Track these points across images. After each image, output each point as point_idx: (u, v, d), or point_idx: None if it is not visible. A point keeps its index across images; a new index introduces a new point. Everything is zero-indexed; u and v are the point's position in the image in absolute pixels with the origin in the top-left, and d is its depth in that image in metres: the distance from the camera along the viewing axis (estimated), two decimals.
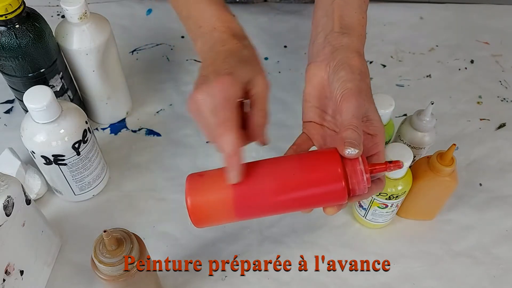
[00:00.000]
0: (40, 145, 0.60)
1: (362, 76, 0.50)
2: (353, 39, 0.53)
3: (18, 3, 0.59)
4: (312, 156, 0.48)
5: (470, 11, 0.93)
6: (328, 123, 0.54)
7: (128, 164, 0.74)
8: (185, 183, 0.48)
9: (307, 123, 0.55)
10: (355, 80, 0.49)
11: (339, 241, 0.67)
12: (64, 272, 0.64)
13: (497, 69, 0.86)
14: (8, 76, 0.65)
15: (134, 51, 0.88)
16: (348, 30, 0.54)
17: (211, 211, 0.48)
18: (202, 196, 0.48)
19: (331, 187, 0.46)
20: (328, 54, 0.53)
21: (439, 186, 0.62)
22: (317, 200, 0.47)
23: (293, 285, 0.64)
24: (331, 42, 0.53)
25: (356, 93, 0.48)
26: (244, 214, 0.48)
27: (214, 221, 0.50)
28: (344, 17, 0.55)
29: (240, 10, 0.93)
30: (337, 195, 0.46)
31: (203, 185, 0.48)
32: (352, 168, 0.46)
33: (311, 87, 0.54)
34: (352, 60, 0.51)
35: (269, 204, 0.47)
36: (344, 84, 0.49)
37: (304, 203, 0.48)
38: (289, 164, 0.48)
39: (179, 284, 0.64)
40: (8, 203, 0.52)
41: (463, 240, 0.68)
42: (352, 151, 0.45)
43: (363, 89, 0.49)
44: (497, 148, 0.76)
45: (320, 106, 0.54)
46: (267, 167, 0.48)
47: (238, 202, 0.47)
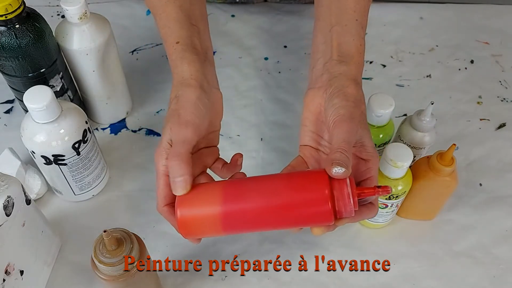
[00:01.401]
0: (40, 145, 0.60)
1: (356, 104, 0.52)
2: (351, 67, 0.55)
3: (18, 3, 0.59)
4: (301, 176, 0.49)
5: (470, 11, 0.93)
6: (324, 148, 0.55)
7: (128, 164, 0.74)
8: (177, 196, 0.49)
9: (303, 146, 0.56)
10: (348, 107, 0.51)
11: (339, 241, 0.67)
12: (64, 272, 0.64)
13: (497, 69, 0.86)
14: (8, 76, 0.65)
15: (134, 51, 0.88)
16: (346, 58, 0.55)
17: (199, 225, 0.49)
18: (191, 210, 0.49)
19: (317, 208, 0.47)
20: (325, 81, 0.54)
21: (439, 186, 0.62)
22: (303, 220, 0.48)
23: (293, 285, 0.64)
24: (329, 69, 0.55)
25: (348, 119, 0.50)
26: (231, 230, 0.49)
27: (202, 234, 0.51)
28: (342, 45, 0.56)
29: (240, 10, 0.93)
30: (323, 217, 0.47)
31: (193, 199, 0.49)
32: (340, 191, 0.46)
33: (309, 112, 0.56)
34: (347, 88, 0.53)
35: (256, 221, 0.48)
36: (337, 110, 0.51)
37: (290, 222, 0.49)
38: (278, 182, 0.49)
39: (179, 284, 0.64)
40: (8, 203, 0.52)
41: (463, 240, 0.68)
42: (339, 170, 0.46)
43: (356, 115, 0.51)
44: (497, 148, 0.76)
45: (317, 131, 0.56)
46: (256, 184, 0.49)
47: (225, 218, 0.48)
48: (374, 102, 0.61)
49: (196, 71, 0.54)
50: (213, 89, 0.55)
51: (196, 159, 0.55)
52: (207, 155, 0.56)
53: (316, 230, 0.49)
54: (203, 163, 0.56)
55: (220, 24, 0.91)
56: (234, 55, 0.87)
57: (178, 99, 0.52)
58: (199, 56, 0.55)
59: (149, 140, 0.77)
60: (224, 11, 0.92)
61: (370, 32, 0.90)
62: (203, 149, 0.56)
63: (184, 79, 0.53)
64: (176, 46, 0.56)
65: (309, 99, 0.55)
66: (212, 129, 0.56)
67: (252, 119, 0.79)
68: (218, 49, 0.88)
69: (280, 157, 0.75)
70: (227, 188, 0.49)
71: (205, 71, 0.55)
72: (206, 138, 0.56)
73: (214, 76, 0.57)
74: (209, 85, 0.55)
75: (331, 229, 0.49)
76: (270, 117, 0.79)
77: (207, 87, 0.54)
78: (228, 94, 0.81)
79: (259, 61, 0.86)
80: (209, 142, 0.57)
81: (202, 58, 0.56)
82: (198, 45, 0.56)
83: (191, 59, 0.55)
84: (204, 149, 0.56)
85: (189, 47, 0.55)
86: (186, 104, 0.52)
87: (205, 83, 0.54)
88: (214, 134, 0.57)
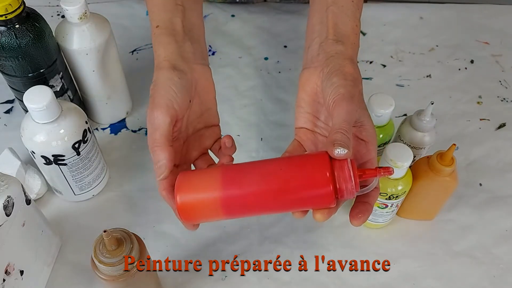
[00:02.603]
0: (40, 145, 0.60)
1: (354, 83, 0.51)
2: (347, 47, 0.54)
3: (18, 3, 0.59)
4: (302, 158, 0.48)
5: (470, 11, 0.93)
6: (320, 129, 0.55)
7: (128, 164, 0.74)
8: (176, 180, 0.49)
9: (299, 129, 0.55)
10: (347, 86, 0.50)
11: (339, 241, 0.67)
12: (64, 272, 0.64)
13: (497, 69, 0.86)
14: (8, 76, 0.65)
15: (134, 51, 0.88)
16: (342, 38, 0.55)
17: (199, 210, 0.49)
18: (191, 194, 0.49)
19: (319, 189, 0.46)
20: (322, 60, 0.53)
21: (439, 186, 0.62)
22: (305, 202, 0.47)
23: (293, 285, 0.64)
24: (325, 49, 0.54)
25: (348, 98, 0.49)
26: (233, 213, 0.49)
27: (202, 218, 0.50)
28: (339, 25, 0.56)
29: (240, 10, 0.93)
30: (324, 198, 0.46)
31: (192, 183, 0.49)
32: (341, 171, 0.45)
33: (304, 93, 0.55)
34: (345, 67, 0.52)
35: (257, 204, 0.48)
36: (337, 89, 0.50)
37: (292, 204, 0.48)
38: (278, 165, 0.48)
39: (179, 284, 0.64)
40: (8, 203, 0.52)
41: (463, 240, 0.68)
42: (342, 151, 0.45)
43: (355, 95, 0.50)
44: (497, 148, 0.76)
45: (313, 112, 0.55)
46: (257, 167, 0.49)
47: (226, 202, 0.48)
48: (374, 102, 0.61)
49: (170, 53, 0.53)
50: (194, 65, 0.54)
51: (194, 141, 0.55)
52: (206, 136, 0.55)
53: (318, 216, 0.48)
54: (202, 145, 0.55)
55: (220, 24, 0.91)
56: (234, 55, 0.87)
57: (153, 84, 0.52)
58: (176, 37, 0.55)
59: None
60: (224, 11, 0.92)
61: (370, 32, 0.90)
62: (203, 129, 0.55)
63: (158, 63, 0.53)
64: (155, 31, 0.56)
65: (305, 79, 0.54)
66: (205, 107, 0.55)
67: (252, 119, 0.79)
68: (218, 49, 0.88)
69: None
70: (226, 171, 0.49)
71: (181, 50, 0.54)
72: (201, 118, 0.55)
73: (198, 53, 0.56)
74: (187, 63, 0.54)
75: (333, 212, 0.48)
76: (270, 117, 0.79)
77: (183, 66, 0.53)
78: (228, 94, 0.81)
79: (259, 61, 0.87)
80: (206, 121, 0.56)
81: (180, 38, 0.55)
82: (178, 25, 0.55)
83: (166, 41, 0.54)
84: (203, 130, 0.55)
85: (167, 30, 0.55)
86: (157, 88, 0.51)
87: (180, 62, 0.53)
88: (209, 113, 0.56)
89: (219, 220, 0.50)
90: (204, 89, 0.55)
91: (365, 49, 0.88)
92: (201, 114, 0.56)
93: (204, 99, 0.55)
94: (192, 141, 0.55)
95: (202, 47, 0.58)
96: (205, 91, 0.55)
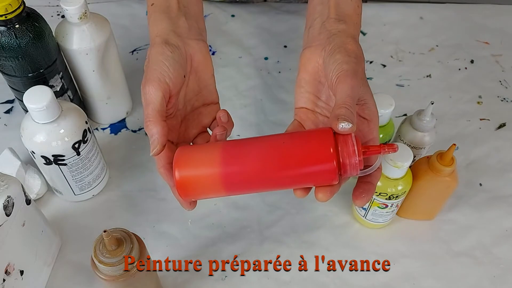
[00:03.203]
0: (40, 145, 0.60)
1: (358, 59, 0.50)
2: (349, 26, 0.54)
3: (18, 3, 0.59)
4: (305, 134, 0.48)
5: (470, 11, 0.93)
6: (321, 109, 0.54)
7: (128, 164, 0.74)
8: (174, 155, 0.48)
9: (299, 109, 0.54)
10: (351, 63, 0.49)
11: (339, 241, 0.67)
12: (64, 272, 0.64)
13: (497, 69, 0.86)
14: (8, 76, 0.65)
15: (134, 51, 0.88)
16: (345, 18, 0.54)
17: (199, 186, 0.48)
18: (190, 169, 0.47)
19: (322, 164, 0.45)
20: (324, 39, 0.53)
21: (439, 186, 0.62)
22: (307, 178, 0.46)
23: (293, 285, 0.64)
24: (327, 27, 0.54)
25: (352, 74, 0.48)
26: (233, 189, 0.48)
27: (202, 194, 0.49)
28: (340, 5, 0.55)
29: (240, 10, 0.93)
30: (327, 173, 0.45)
31: (192, 158, 0.48)
32: (345, 146, 0.44)
33: (305, 73, 0.54)
34: (348, 45, 0.51)
35: (258, 179, 0.47)
36: (340, 65, 0.49)
37: (294, 180, 0.47)
38: (281, 140, 0.47)
39: (179, 284, 0.64)
40: (8, 203, 0.52)
41: (463, 240, 0.68)
42: (346, 125, 0.44)
43: (358, 71, 0.49)
44: (497, 148, 0.76)
45: (313, 91, 0.54)
46: (258, 142, 0.48)
47: (227, 177, 0.46)
48: None
49: (162, 29, 0.53)
50: (188, 40, 0.53)
51: (192, 119, 0.54)
52: (204, 114, 0.54)
53: (320, 195, 0.46)
54: (201, 123, 0.54)
55: (220, 23, 0.91)
56: (234, 55, 0.87)
57: (146, 60, 0.52)
58: (169, 13, 0.54)
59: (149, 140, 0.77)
60: (224, 11, 0.92)
61: (370, 32, 0.90)
62: (201, 107, 0.55)
63: (151, 39, 0.53)
64: (150, 9, 0.55)
65: (306, 58, 0.54)
66: (203, 84, 0.55)
67: (252, 119, 0.79)
68: (218, 49, 0.88)
69: None
70: (227, 146, 0.48)
71: (175, 26, 0.53)
72: (200, 95, 0.54)
73: (194, 29, 0.55)
74: (180, 38, 0.53)
75: (336, 190, 0.47)
76: (270, 117, 0.79)
77: (175, 40, 0.52)
78: (228, 94, 0.81)
79: (259, 61, 0.86)
80: (205, 99, 0.55)
81: (174, 15, 0.54)
82: (173, 1, 0.55)
83: (159, 18, 0.54)
84: (202, 108, 0.55)
85: (161, 7, 0.55)
86: (149, 64, 0.51)
87: (172, 37, 0.52)
88: (207, 90, 0.55)
89: (218, 196, 0.49)
90: (201, 65, 0.54)
91: (365, 49, 0.87)
92: (199, 91, 0.54)
93: (201, 75, 0.54)
94: (190, 119, 0.54)
95: (199, 24, 0.57)
96: (202, 67, 0.54)
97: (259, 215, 0.69)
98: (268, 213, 0.69)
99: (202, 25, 0.58)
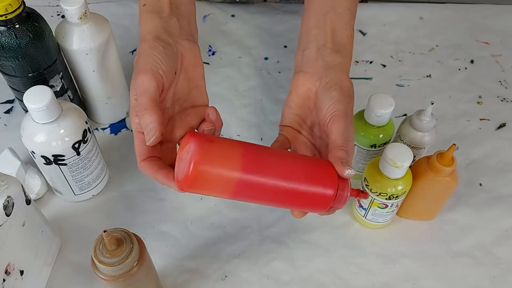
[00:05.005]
0: (40, 145, 0.60)
1: (350, 99, 0.54)
2: (345, 59, 0.56)
3: (18, 3, 0.59)
4: (316, 165, 0.51)
5: (470, 11, 0.93)
6: (305, 132, 0.56)
7: (128, 164, 0.74)
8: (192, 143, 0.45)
9: (285, 126, 0.57)
10: (344, 102, 0.53)
11: (339, 241, 0.67)
12: (64, 272, 0.64)
13: (497, 69, 0.86)
14: (8, 76, 0.65)
15: (134, 51, 0.88)
16: (341, 48, 0.56)
17: (210, 183, 0.46)
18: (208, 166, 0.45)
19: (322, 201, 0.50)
20: (320, 69, 0.55)
21: (439, 186, 0.62)
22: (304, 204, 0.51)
23: (293, 285, 0.64)
24: (325, 57, 0.56)
25: (344, 114, 0.52)
26: (240, 196, 0.48)
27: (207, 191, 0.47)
28: (337, 33, 0.57)
29: (240, 10, 0.93)
30: (321, 207, 0.51)
31: (212, 155, 0.45)
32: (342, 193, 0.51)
33: (296, 96, 0.56)
34: (344, 82, 0.54)
35: (266, 195, 0.49)
36: (335, 105, 0.52)
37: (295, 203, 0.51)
38: (295, 163, 0.50)
39: (179, 284, 0.64)
40: (8, 203, 0.52)
41: (463, 240, 0.68)
42: (352, 172, 0.49)
43: (349, 111, 0.53)
44: (497, 148, 0.76)
45: (301, 115, 0.56)
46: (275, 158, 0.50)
47: (240, 185, 0.46)
48: (374, 102, 0.61)
49: (153, 27, 0.53)
50: (179, 40, 0.54)
51: (179, 119, 0.53)
52: (192, 116, 0.54)
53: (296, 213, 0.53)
54: (188, 124, 0.53)
55: (220, 24, 0.91)
56: (234, 55, 0.87)
57: (136, 56, 0.52)
58: (161, 13, 0.54)
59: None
60: (224, 11, 0.92)
61: (370, 32, 0.90)
62: (189, 109, 0.54)
63: (141, 37, 0.53)
64: (141, 9, 0.56)
65: (300, 83, 0.56)
66: (193, 84, 0.54)
67: (252, 119, 0.79)
68: (218, 49, 0.88)
69: None
70: (248, 151, 0.47)
71: (166, 25, 0.53)
72: (189, 96, 0.54)
73: (185, 30, 0.55)
74: (171, 36, 0.53)
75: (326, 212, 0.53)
76: (270, 117, 0.79)
77: (166, 38, 0.52)
78: (228, 94, 0.81)
79: (259, 61, 0.87)
80: (194, 100, 0.54)
81: (165, 15, 0.54)
82: (165, 2, 0.55)
83: (149, 18, 0.54)
84: (190, 109, 0.54)
85: (153, 7, 0.55)
86: (141, 56, 0.51)
87: (164, 35, 0.52)
88: (197, 90, 0.55)
89: (219, 197, 0.48)
90: (191, 65, 0.54)
91: (365, 49, 0.88)
92: (189, 92, 0.54)
93: (191, 75, 0.54)
94: (177, 119, 0.53)
95: (191, 26, 0.57)
96: (192, 67, 0.54)
97: (259, 215, 0.69)
98: (268, 213, 0.69)
99: (194, 27, 0.58)
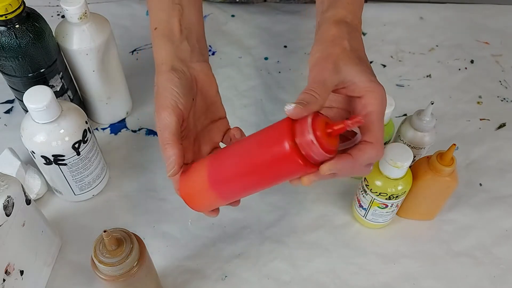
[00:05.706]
0: (40, 145, 0.60)
1: (334, 42, 0.49)
2: (338, 10, 0.53)
3: (18, 3, 0.59)
4: (267, 129, 0.47)
5: (470, 11, 0.93)
6: None
7: (128, 164, 0.74)
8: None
9: None
10: (322, 50, 0.49)
11: (339, 241, 0.67)
12: (64, 272, 0.64)
13: (497, 69, 0.86)
14: (8, 76, 0.65)
15: (134, 51, 0.88)
16: (334, 2, 0.54)
17: (201, 201, 0.53)
18: (188, 190, 0.53)
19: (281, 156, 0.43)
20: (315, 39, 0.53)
21: (439, 186, 0.62)
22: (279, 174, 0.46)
23: (293, 285, 0.64)
24: (318, 22, 0.55)
25: (321, 59, 0.48)
26: (228, 198, 0.52)
27: (208, 206, 0.54)
28: None
29: (240, 10, 0.93)
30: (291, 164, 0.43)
31: (188, 179, 0.52)
32: (300, 131, 0.43)
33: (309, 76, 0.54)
34: (327, 32, 0.51)
35: (243, 185, 0.49)
36: (313, 57, 0.49)
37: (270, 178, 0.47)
38: (249, 142, 0.49)
39: (179, 284, 0.64)
40: (8, 203, 0.52)
41: (463, 240, 0.68)
42: (289, 107, 0.43)
43: (332, 53, 0.48)
44: (497, 148, 0.76)
45: None
46: (233, 150, 0.50)
47: (217, 190, 0.50)
48: None
49: (166, 55, 0.55)
50: (191, 64, 0.55)
51: (203, 136, 0.56)
52: (214, 131, 0.57)
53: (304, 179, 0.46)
54: (212, 140, 0.57)
55: (220, 24, 0.91)
56: (234, 55, 0.87)
57: (156, 87, 0.54)
58: (172, 37, 0.56)
59: (149, 140, 0.77)
60: (224, 11, 0.92)
61: (370, 32, 0.90)
62: (210, 124, 0.57)
63: (157, 66, 0.55)
64: (153, 33, 0.57)
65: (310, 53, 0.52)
66: (210, 102, 0.57)
67: (252, 119, 0.79)
68: (218, 49, 0.88)
69: None
70: (210, 161, 0.51)
71: (177, 51, 0.55)
72: (207, 113, 0.57)
73: (195, 51, 0.57)
74: (184, 63, 0.55)
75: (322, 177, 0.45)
76: (270, 117, 0.79)
77: (180, 66, 0.54)
78: (228, 94, 0.81)
79: (259, 61, 0.87)
80: (213, 115, 0.57)
81: (176, 39, 0.56)
82: (175, 25, 0.57)
83: (162, 43, 0.56)
84: (211, 125, 0.57)
85: (164, 31, 0.56)
86: (160, 91, 0.53)
87: (177, 63, 0.54)
88: (214, 107, 0.57)
89: (223, 205, 0.53)
90: (205, 85, 0.56)
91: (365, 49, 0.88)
92: (207, 109, 0.57)
93: (207, 94, 0.57)
94: (201, 137, 0.56)
95: (200, 44, 0.58)
96: (207, 86, 0.56)
97: (259, 215, 0.69)
98: (268, 213, 0.69)
99: (204, 45, 0.60)
